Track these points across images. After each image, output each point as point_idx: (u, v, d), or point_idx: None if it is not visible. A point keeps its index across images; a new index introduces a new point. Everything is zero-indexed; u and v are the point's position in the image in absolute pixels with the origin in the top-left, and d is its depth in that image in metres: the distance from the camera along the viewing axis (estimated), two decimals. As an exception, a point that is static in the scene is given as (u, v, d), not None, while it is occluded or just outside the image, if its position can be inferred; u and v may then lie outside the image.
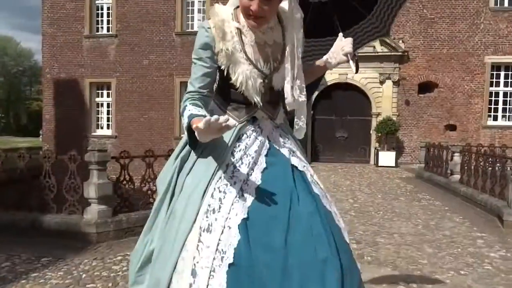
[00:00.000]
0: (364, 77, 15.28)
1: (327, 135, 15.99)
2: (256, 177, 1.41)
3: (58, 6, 14.51)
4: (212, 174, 1.41)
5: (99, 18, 14.58)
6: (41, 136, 20.32)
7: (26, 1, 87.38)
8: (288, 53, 1.47)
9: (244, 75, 1.43)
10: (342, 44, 1.60)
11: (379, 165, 14.26)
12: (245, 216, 1.32)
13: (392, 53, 14.88)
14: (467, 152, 8.69)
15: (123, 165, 5.09)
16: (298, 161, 1.53)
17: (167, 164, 1.55)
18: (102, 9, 14.51)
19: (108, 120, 14.78)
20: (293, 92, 1.48)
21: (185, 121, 1.34)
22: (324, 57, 1.64)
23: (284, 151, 1.53)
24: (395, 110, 15.25)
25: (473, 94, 14.75)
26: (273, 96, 1.54)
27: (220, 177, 1.40)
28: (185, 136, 1.47)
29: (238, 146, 1.46)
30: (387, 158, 14.37)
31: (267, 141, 1.51)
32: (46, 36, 14.72)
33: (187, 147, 1.48)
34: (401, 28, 15.00)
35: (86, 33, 14.41)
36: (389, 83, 15.21)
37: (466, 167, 8.29)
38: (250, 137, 1.49)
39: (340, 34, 1.66)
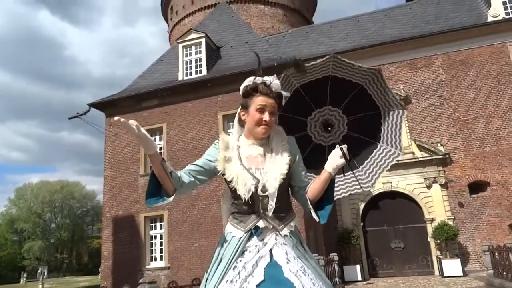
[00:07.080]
0: (409, 183, 15.12)
1: (382, 247, 15.23)
2: None
3: (117, 152, 16.47)
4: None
5: (152, 158, 16.24)
6: (100, 274, 20.91)
7: (91, 149, 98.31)
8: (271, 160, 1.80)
9: (236, 173, 1.75)
10: (339, 152, 1.76)
11: (445, 275, 13.13)
12: None
13: (433, 157, 14.88)
14: (534, 253, 8.01)
15: (171, 296, 5.27)
16: (297, 280, 1.62)
17: None
18: (155, 149, 16.27)
19: (161, 252, 15.22)
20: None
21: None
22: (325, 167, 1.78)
23: (285, 268, 1.64)
24: (449, 213, 14.57)
25: (530, 189, 13.99)
26: (279, 209, 1.74)
27: None
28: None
29: (240, 261, 1.67)
30: (452, 267, 13.25)
31: (268, 255, 1.68)
32: (107, 179, 16.37)
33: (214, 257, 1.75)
34: (436, 133, 15.25)
35: (141, 172, 15.90)
36: (436, 186, 14.86)
37: (537, 270, 7.57)
38: (251, 252, 1.69)
39: (337, 146, 1.81)
